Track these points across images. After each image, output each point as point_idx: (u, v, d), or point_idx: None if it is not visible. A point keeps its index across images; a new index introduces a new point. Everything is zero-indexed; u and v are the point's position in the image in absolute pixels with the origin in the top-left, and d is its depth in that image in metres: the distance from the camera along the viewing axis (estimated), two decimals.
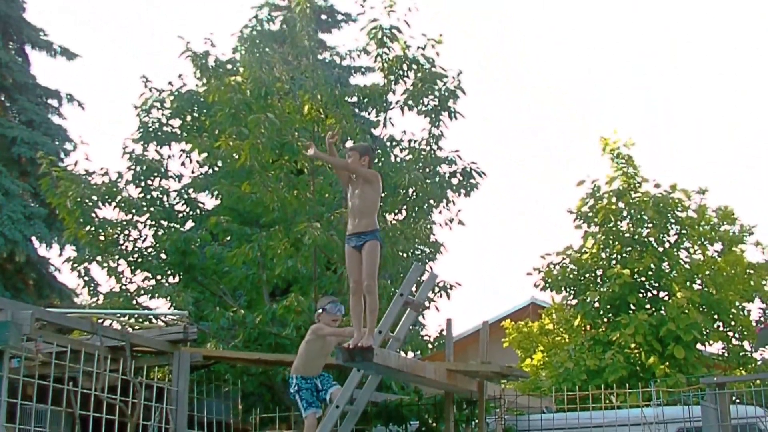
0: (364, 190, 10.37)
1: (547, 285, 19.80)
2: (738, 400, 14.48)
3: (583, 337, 19.36)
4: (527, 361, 19.71)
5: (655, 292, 19.76)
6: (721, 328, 19.68)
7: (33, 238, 24.58)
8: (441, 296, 17.80)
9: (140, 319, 16.41)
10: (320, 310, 11.70)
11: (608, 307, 19.27)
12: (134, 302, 17.47)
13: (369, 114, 23.27)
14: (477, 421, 14.11)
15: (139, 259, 17.75)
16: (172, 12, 68.98)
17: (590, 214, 20.13)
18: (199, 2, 65.57)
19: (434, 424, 14.62)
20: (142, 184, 18.62)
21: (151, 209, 18.32)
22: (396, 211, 18.07)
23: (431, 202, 18.11)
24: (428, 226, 17.88)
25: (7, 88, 27.01)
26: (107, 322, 14.45)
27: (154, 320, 16.62)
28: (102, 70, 66.72)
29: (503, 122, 68.69)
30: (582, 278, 19.72)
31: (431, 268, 18.13)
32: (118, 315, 15.44)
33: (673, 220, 20.00)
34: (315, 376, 11.57)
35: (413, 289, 12.68)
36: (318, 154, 10.58)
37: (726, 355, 19.74)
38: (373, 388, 12.22)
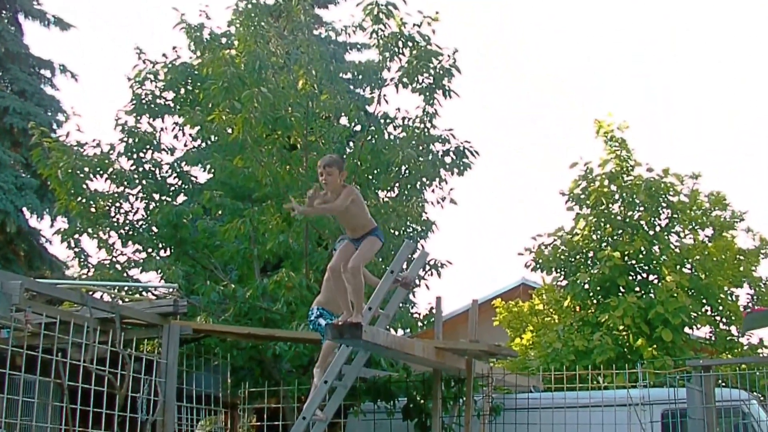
0: (350, 209, 10.46)
1: (538, 266, 19.84)
2: (723, 384, 14.53)
3: (573, 318, 19.43)
4: (516, 340, 19.78)
5: (644, 276, 19.80)
6: (709, 313, 19.77)
7: (24, 209, 24.54)
8: (432, 274, 17.84)
9: (130, 292, 16.39)
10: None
11: (598, 288, 19.31)
12: (125, 275, 17.44)
13: (363, 91, 23.22)
14: (465, 398, 14.18)
15: (131, 232, 17.73)
16: None
17: (582, 197, 20.13)
18: None
19: (422, 401, 14.69)
20: (135, 156, 18.54)
21: (143, 182, 18.27)
22: (388, 188, 18.05)
23: (424, 180, 18.07)
24: (420, 205, 17.86)
25: (0, 57, 26.88)
26: (97, 294, 14.44)
27: (144, 293, 16.62)
28: (96, 41, 66.51)
29: (499, 105, 68.87)
30: (573, 260, 19.76)
31: (423, 247, 18.16)
32: (109, 287, 15.44)
33: (664, 204, 20.02)
34: (336, 314, 11.45)
35: (404, 266, 12.69)
36: (306, 210, 10.63)
37: (713, 339, 19.82)
38: (361, 364, 12.23)
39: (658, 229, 20.03)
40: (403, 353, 12.04)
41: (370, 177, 18.04)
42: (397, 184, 18.00)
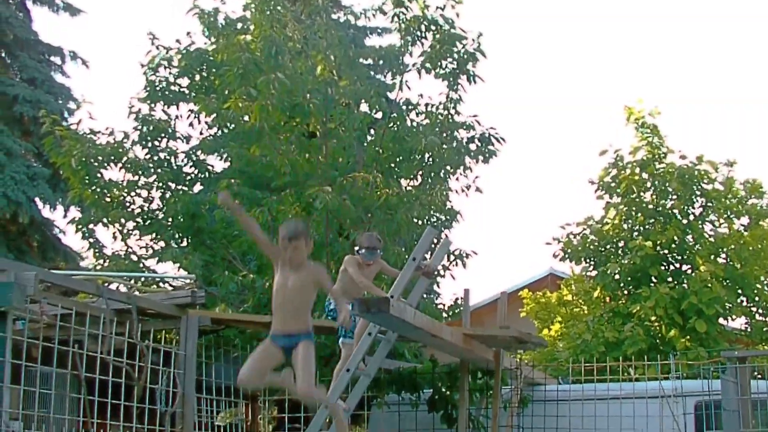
0: (308, 285, 8.74)
1: (567, 255, 19.44)
2: (759, 375, 14.19)
3: (603, 309, 19.06)
4: (545, 331, 19.41)
5: (677, 266, 19.48)
6: (744, 303, 19.42)
7: (36, 199, 24.19)
8: (456, 264, 17.42)
9: (147, 282, 16.10)
10: (356, 247, 11.34)
11: (629, 279, 18.97)
12: (141, 265, 17.12)
13: (384, 77, 22.86)
14: (492, 391, 13.84)
15: (147, 222, 17.39)
16: None
17: (612, 185, 19.78)
18: None
19: (448, 393, 14.34)
20: (149, 144, 18.14)
21: (159, 171, 17.91)
22: (411, 176, 17.67)
23: (448, 168, 17.66)
24: (444, 193, 17.47)
25: (8, 44, 26.54)
26: (113, 285, 14.20)
27: (161, 283, 16.31)
28: (107, 27, 66.14)
29: (526, 91, 68.20)
30: (603, 249, 19.38)
31: (447, 236, 17.75)
32: (125, 278, 15.15)
33: (698, 193, 19.68)
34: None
35: (427, 255, 12.34)
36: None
37: (749, 330, 19.46)
38: (384, 354, 11.90)
39: (691, 217, 19.69)
40: (431, 335, 11.64)
41: (392, 165, 17.67)
42: (420, 173, 17.59)
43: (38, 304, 11.25)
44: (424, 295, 14.18)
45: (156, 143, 18.27)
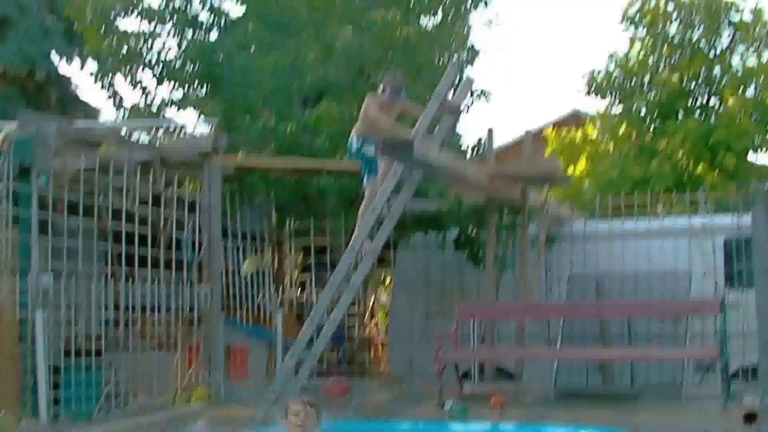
0: None
1: (592, 90, 19.06)
2: None
3: (628, 145, 18.79)
4: (570, 170, 19.20)
5: (705, 99, 19.11)
6: None
7: (52, 54, 23.86)
8: (479, 99, 17.16)
9: (168, 131, 16.02)
10: (381, 86, 11.21)
11: (655, 114, 18.62)
12: (161, 116, 16.98)
13: None
14: (519, 228, 13.84)
15: (164, 71, 17.14)
16: None
17: (637, 18, 19.21)
18: None
19: (474, 232, 14.35)
20: None
21: (174, 18, 17.54)
22: (431, 12, 17.22)
23: (469, 2, 17.18)
24: (465, 30, 17.06)
25: None
26: (135, 136, 14.13)
27: (182, 132, 16.22)
28: None
29: None
30: (628, 84, 18.98)
31: (468, 75, 17.45)
32: (146, 127, 15.07)
33: (726, 24, 19.08)
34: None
35: (449, 94, 12.17)
36: None
37: None
38: (410, 194, 11.83)
39: (719, 50, 19.16)
40: (455, 175, 11.59)
41: (411, 2, 17.19)
42: (440, 8, 17.13)
43: (61, 158, 11.25)
44: (447, 134, 13.98)
45: None
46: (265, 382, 12.85)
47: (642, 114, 18.59)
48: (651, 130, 18.81)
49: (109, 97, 17.29)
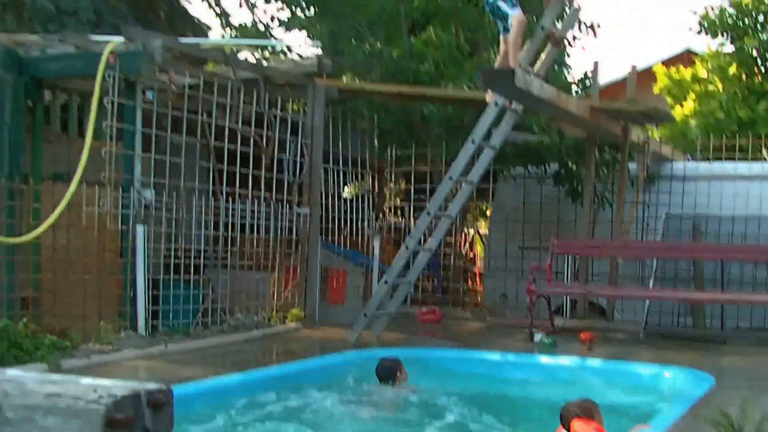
0: None
1: (704, 29, 18.45)
2: None
3: (738, 86, 18.23)
4: (677, 109, 18.76)
5: None
6: None
7: None
8: (587, 34, 16.86)
9: (274, 51, 16.10)
10: None
11: (766, 55, 17.97)
12: (267, 35, 17.06)
13: None
14: (619, 166, 13.67)
15: None
16: None
17: None
18: None
19: (574, 167, 14.21)
20: None
21: None
22: None
23: None
24: None
25: None
26: (241, 55, 14.22)
27: (288, 53, 16.29)
28: None
29: None
30: (741, 23, 18.31)
31: (577, 4, 17.09)
32: (253, 46, 15.16)
33: None
34: None
35: (555, 23, 11.99)
36: None
37: None
38: (510, 126, 11.79)
39: None
40: (557, 108, 11.45)
41: None
42: None
43: (166, 73, 11.40)
44: (552, 65, 13.79)
45: None
46: (360, 306, 13.02)
47: (754, 54, 17.95)
48: (762, 72, 18.16)
49: (217, 15, 17.45)
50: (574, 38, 16.75)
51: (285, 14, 17.16)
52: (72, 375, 2.24)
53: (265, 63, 13.74)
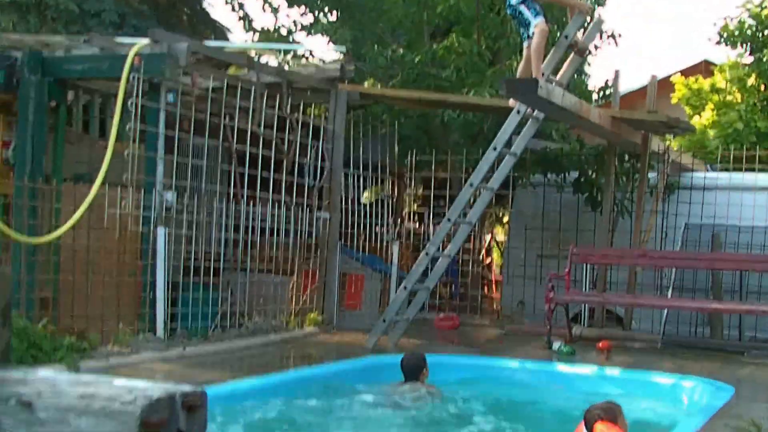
0: None
1: (723, 40, 18.34)
2: None
3: (757, 97, 18.13)
4: (695, 119, 18.69)
5: None
6: None
7: None
8: (609, 43, 16.85)
9: (297, 56, 16.12)
10: None
11: None
12: (290, 39, 17.07)
13: None
14: (639, 175, 13.64)
15: None
16: None
17: None
18: None
19: (594, 176, 14.20)
20: None
21: None
22: None
23: None
24: None
25: None
26: (264, 59, 14.25)
27: (311, 57, 16.30)
28: None
29: None
30: (761, 35, 18.19)
31: (599, 15, 17.08)
32: (276, 50, 15.18)
33: None
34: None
35: (579, 33, 11.97)
36: None
37: None
38: (531, 134, 11.80)
39: None
40: (578, 117, 11.45)
41: None
42: None
43: (190, 76, 11.44)
44: (574, 75, 13.79)
45: None
46: (376, 311, 13.03)
47: None
48: None
49: (240, 18, 17.47)
50: (596, 48, 16.74)
51: (308, 19, 17.15)
52: (104, 376, 2.25)
53: (287, 67, 13.75)
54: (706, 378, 9.01)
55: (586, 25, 12.50)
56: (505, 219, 19.24)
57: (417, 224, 16.67)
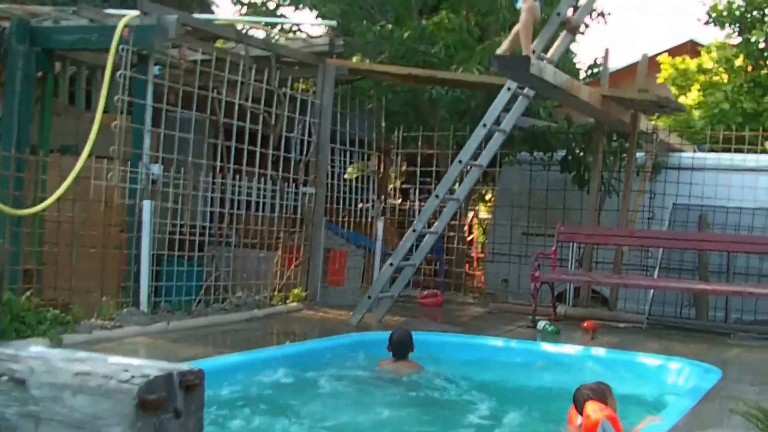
0: None
1: (711, 19, 18.29)
2: None
3: (744, 78, 18.14)
4: (681, 99, 18.68)
5: None
6: None
7: None
8: (598, 22, 16.79)
9: (284, 30, 16.00)
10: None
11: None
12: (278, 13, 16.92)
13: None
14: (627, 154, 13.63)
15: None
16: None
17: None
18: None
19: (581, 154, 14.16)
20: None
21: None
22: None
23: None
24: None
25: None
26: (252, 32, 14.15)
27: (299, 31, 16.17)
28: None
29: None
30: (749, 15, 18.15)
31: None
32: (264, 24, 15.06)
33: None
34: None
35: (570, 11, 11.93)
36: None
37: None
38: (520, 112, 11.77)
39: None
40: (569, 95, 11.40)
41: None
42: None
43: (178, 49, 11.35)
44: (564, 52, 13.74)
45: None
46: (359, 288, 13.00)
47: (761, 47, 17.80)
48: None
49: None
50: (587, 26, 16.68)
51: None
52: (96, 353, 2.21)
53: (275, 41, 13.64)
54: (693, 360, 9.02)
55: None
56: (488, 196, 19.24)
57: (402, 201, 16.61)
